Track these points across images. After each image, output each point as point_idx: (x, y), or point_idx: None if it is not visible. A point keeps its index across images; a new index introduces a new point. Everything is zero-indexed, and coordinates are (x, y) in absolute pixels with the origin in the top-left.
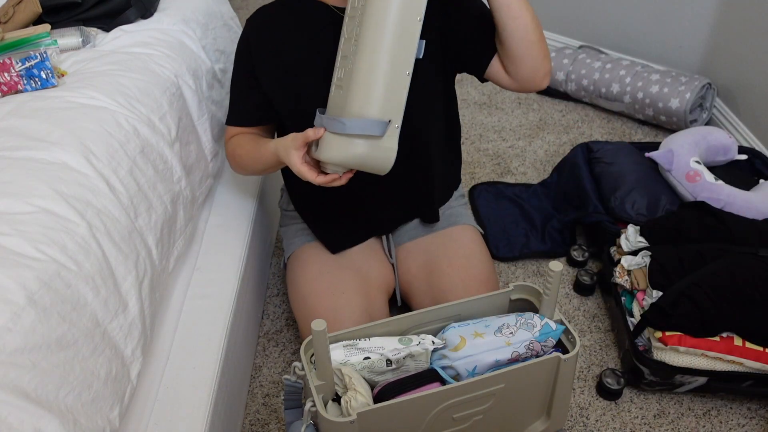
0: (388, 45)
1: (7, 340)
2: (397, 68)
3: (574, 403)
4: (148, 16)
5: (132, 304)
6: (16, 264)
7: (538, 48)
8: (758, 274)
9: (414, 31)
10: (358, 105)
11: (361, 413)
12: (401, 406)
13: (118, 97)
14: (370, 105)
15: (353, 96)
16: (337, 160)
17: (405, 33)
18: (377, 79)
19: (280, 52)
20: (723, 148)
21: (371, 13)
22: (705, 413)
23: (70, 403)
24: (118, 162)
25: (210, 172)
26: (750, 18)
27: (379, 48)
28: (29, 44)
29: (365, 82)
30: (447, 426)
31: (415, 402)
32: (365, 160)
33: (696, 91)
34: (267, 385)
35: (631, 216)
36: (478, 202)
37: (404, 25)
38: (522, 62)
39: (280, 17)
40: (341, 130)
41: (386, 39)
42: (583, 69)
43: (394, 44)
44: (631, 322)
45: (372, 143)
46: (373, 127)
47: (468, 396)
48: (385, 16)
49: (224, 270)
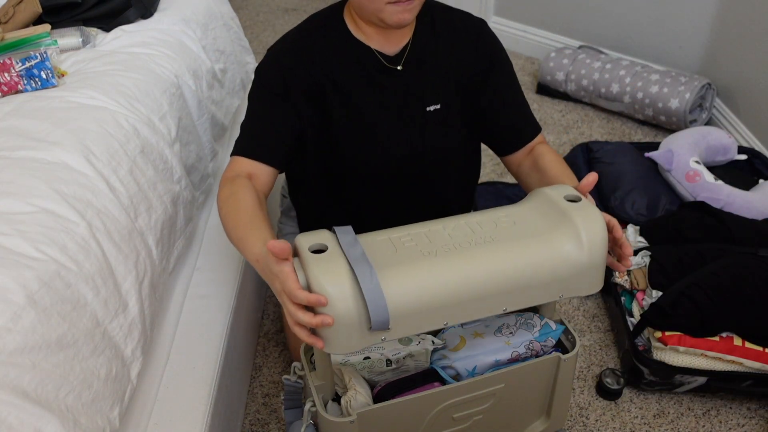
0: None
1: (7, 340)
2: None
3: (574, 403)
4: (148, 16)
5: (132, 304)
6: (16, 264)
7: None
8: (758, 274)
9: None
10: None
11: (361, 413)
12: (401, 406)
13: (118, 97)
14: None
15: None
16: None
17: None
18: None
19: (349, 93)
20: (723, 148)
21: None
22: (705, 413)
23: (70, 403)
24: (118, 162)
25: (210, 172)
26: (750, 18)
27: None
28: (29, 44)
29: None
30: (447, 426)
31: (415, 402)
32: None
33: (696, 91)
34: (267, 385)
35: (631, 216)
36: (478, 202)
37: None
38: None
39: (324, 54)
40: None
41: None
42: (583, 69)
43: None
44: (630, 322)
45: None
46: (379, 314)
47: (468, 396)
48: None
49: (224, 270)
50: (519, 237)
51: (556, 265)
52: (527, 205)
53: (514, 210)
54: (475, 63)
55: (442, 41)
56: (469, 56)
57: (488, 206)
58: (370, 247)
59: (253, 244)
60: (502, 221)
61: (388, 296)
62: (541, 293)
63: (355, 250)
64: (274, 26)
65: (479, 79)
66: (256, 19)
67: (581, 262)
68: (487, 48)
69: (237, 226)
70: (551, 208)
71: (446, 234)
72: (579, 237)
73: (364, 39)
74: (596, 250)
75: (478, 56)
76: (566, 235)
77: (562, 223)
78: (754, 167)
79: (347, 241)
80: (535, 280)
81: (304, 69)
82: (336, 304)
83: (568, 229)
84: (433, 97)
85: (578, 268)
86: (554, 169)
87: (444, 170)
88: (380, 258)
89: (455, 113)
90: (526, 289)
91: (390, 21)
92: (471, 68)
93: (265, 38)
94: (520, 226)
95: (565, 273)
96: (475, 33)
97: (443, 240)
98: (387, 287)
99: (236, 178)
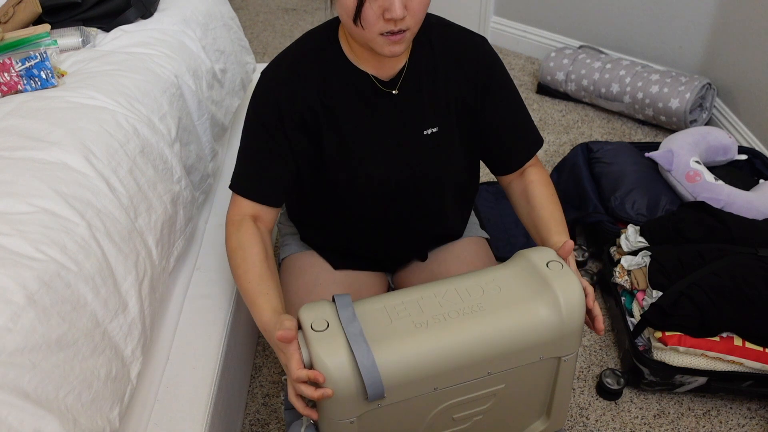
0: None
1: (7, 340)
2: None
3: (574, 403)
4: (148, 16)
5: (132, 304)
6: (16, 264)
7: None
8: (758, 274)
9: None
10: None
11: (360, 414)
12: (401, 406)
13: (118, 97)
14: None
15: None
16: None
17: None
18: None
19: (343, 119)
20: (723, 148)
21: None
22: (705, 413)
23: (70, 403)
24: (118, 162)
25: (210, 172)
26: (750, 18)
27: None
28: (29, 44)
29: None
30: (447, 426)
31: (414, 402)
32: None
33: (696, 91)
34: (267, 385)
35: (631, 216)
36: (478, 202)
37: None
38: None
39: (319, 79)
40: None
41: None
42: (583, 69)
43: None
44: (631, 322)
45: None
46: (375, 387)
47: (468, 396)
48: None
49: (224, 270)
50: (503, 306)
51: (536, 331)
52: (512, 269)
53: (501, 274)
54: (474, 83)
55: (440, 62)
56: (469, 76)
57: (488, 207)
58: (366, 318)
59: (261, 312)
60: (489, 288)
61: (382, 369)
62: (522, 356)
63: (354, 327)
64: (274, 26)
65: (478, 99)
66: (256, 19)
67: (559, 328)
68: (486, 67)
69: (246, 289)
70: (533, 275)
71: (437, 302)
72: (558, 304)
73: (359, 63)
74: (573, 316)
75: (478, 76)
76: (546, 303)
77: (543, 290)
78: (754, 167)
79: (346, 317)
80: (516, 347)
81: (298, 97)
82: (336, 378)
83: (548, 296)
84: (430, 119)
85: (556, 333)
86: (545, 210)
87: (442, 190)
88: (376, 330)
89: (453, 135)
90: (508, 354)
91: (382, 52)
92: (470, 88)
93: (265, 38)
94: (505, 294)
95: (544, 338)
96: (474, 52)
97: (434, 309)
98: (382, 360)
99: (242, 222)
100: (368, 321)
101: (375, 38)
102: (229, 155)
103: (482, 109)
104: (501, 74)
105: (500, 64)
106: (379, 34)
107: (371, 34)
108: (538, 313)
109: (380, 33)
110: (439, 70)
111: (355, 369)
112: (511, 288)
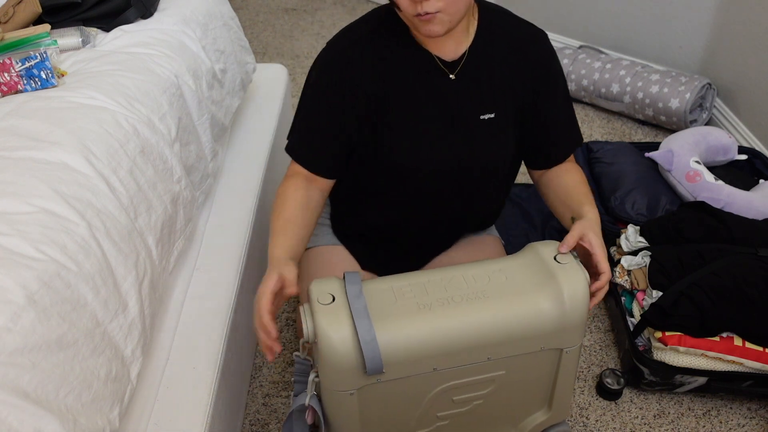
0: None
1: (7, 340)
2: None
3: (574, 403)
4: (148, 16)
5: (132, 304)
6: (16, 264)
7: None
8: (758, 274)
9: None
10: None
11: (360, 387)
12: (401, 383)
13: (118, 97)
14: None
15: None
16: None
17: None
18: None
19: (403, 99)
20: (723, 148)
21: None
22: (705, 413)
23: (70, 403)
24: (118, 162)
25: (210, 172)
26: (750, 18)
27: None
28: (29, 44)
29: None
30: (447, 407)
31: (414, 381)
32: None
33: (696, 91)
34: (267, 385)
35: (631, 216)
36: None
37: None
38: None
39: (383, 59)
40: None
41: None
42: (583, 69)
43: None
44: (631, 322)
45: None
46: (374, 362)
47: (467, 379)
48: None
49: (224, 270)
50: (506, 294)
51: (537, 322)
52: (520, 260)
53: (508, 264)
54: (532, 75)
55: (501, 50)
56: (527, 68)
57: None
58: (372, 297)
59: (275, 245)
60: (495, 276)
61: (383, 345)
62: (523, 345)
63: (359, 303)
64: (274, 26)
65: (533, 92)
66: (256, 19)
67: (561, 320)
68: (545, 62)
69: (272, 228)
70: (540, 267)
71: (442, 286)
72: (561, 297)
73: (423, 42)
74: (576, 310)
75: (535, 68)
76: (549, 296)
77: (548, 282)
78: (754, 167)
79: (353, 293)
80: (516, 335)
81: (361, 75)
82: (338, 350)
83: (552, 289)
84: (488, 105)
85: (558, 325)
86: (577, 188)
87: (489, 176)
88: (380, 308)
89: (508, 122)
90: (508, 341)
91: (420, 32)
92: (527, 80)
93: (265, 38)
94: (510, 283)
95: (546, 329)
96: (535, 45)
97: (439, 293)
98: (383, 337)
99: (293, 177)
100: (374, 299)
101: (412, 19)
102: (229, 155)
103: (535, 103)
104: (557, 70)
105: (557, 60)
106: (414, 16)
107: (408, 15)
108: (540, 304)
109: (414, 15)
110: (500, 58)
111: (357, 343)
112: (517, 278)
